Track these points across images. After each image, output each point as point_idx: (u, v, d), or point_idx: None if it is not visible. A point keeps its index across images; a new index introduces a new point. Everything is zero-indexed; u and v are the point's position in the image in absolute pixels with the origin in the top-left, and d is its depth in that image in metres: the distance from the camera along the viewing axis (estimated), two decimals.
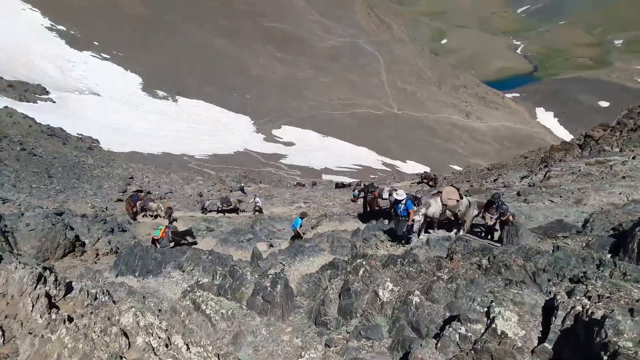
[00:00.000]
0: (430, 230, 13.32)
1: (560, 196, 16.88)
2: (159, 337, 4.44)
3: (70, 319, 4.38)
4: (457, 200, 12.59)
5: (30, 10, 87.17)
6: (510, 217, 11.70)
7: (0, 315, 4.18)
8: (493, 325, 4.45)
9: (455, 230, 13.15)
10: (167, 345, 4.51)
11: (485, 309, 4.86)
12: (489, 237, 12.32)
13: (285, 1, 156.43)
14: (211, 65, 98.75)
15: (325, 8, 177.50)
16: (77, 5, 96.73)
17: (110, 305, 4.73)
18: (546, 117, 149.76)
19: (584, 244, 8.52)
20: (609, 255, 7.35)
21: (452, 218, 13.11)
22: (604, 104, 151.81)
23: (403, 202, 11.57)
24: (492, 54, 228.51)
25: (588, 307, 4.14)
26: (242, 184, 39.28)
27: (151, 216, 24.69)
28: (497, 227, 12.34)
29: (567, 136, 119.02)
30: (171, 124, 68.67)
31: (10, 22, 78.34)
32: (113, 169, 36.85)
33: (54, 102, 57.15)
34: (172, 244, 15.10)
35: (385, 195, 17.29)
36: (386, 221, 14.52)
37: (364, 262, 7.01)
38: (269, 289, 7.14)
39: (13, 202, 19.70)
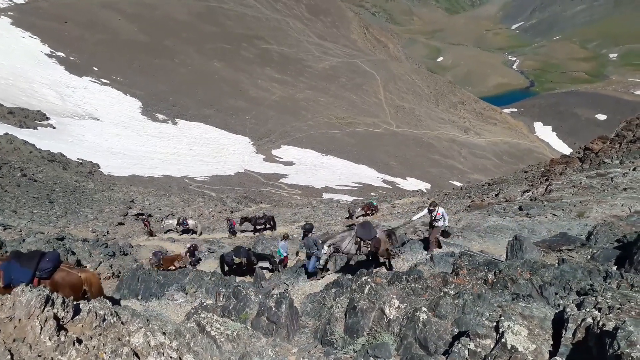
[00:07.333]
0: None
1: (563, 209, 16.86)
2: (171, 357, 4.40)
3: (80, 341, 4.34)
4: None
5: (30, 37, 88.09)
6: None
7: (9, 339, 4.14)
8: (503, 340, 4.39)
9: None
10: None
11: (494, 324, 4.80)
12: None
13: (283, 24, 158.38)
14: (210, 88, 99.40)
15: (322, 30, 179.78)
16: (76, 32, 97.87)
17: (119, 326, 4.69)
18: (544, 131, 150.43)
19: (589, 257, 8.47)
20: (614, 267, 7.31)
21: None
22: (601, 117, 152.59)
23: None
24: (488, 70, 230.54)
25: (599, 318, 4.09)
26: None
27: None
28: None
29: (566, 150, 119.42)
30: (171, 146, 68.82)
31: (10, 49, 79.13)
32: (114, 192, 36.85)
33: (54, 127, 57.38)
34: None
35: None
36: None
37: (369, 280, 6.96)
38: (273, 309, 7.07)
39: (14, 228, 19.66)
